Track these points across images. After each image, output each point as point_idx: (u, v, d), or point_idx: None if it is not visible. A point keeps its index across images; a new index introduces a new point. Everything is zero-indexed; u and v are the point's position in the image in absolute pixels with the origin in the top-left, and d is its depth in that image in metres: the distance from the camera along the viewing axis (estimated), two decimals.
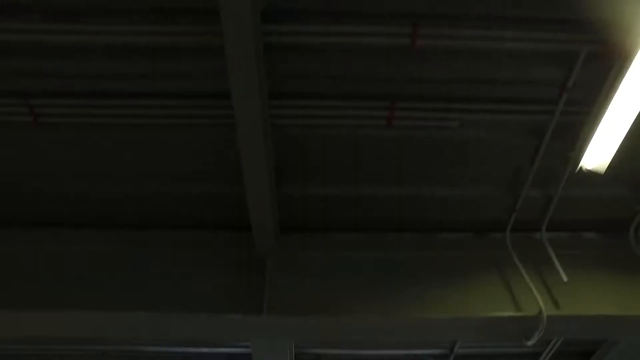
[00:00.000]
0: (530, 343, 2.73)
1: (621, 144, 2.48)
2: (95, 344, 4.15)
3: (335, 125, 2.60)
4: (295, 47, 2.27)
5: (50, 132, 2.59)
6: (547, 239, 3.03)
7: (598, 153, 2.61)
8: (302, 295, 2.70)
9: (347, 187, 2.88)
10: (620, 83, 2.34)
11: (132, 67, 2.36)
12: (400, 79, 2.43)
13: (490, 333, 2.87)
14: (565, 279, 2.76)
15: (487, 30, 2.21)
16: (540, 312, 2.66)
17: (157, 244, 2.97)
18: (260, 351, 3.70)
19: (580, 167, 2.66)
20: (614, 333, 3.14)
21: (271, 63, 2.27)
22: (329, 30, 2.20)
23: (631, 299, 2.87)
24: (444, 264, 2.99)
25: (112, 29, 2.17)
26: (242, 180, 2.53)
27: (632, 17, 2.08)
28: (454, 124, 2.61)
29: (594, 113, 2.50)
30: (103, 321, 2.74)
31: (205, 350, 4.16)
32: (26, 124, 2.53)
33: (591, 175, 2.66)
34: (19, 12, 2.11)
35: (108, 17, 2.14)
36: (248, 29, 1.83)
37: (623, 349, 4.08)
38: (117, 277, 2.82)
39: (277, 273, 2.77)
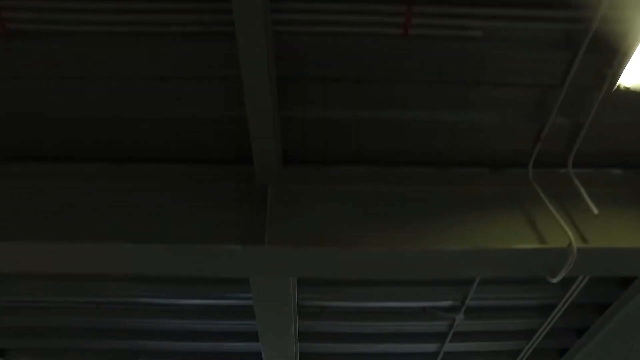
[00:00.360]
0: (556, 280, 2.51)
1: None
2: (91, 295, 3.97)
3: (345, 34, 2.30)
4: None
5: (23, 41, 2.29)
6: (573, 173, 2.78)
7: None
8: (305, 227, 2.47)
9: (353, 110, 2.60)
10: None
11: None
12: None
13: (512, 268, 2.64)
14: (595, 211, 2.51)
15: None
16: (570, 244, 2.43)
17: (151, 178, 2.71)
18: (262, 302, 3.51)
19: (618, 86, 2.39)
20: None
21: None
22: None
23: None
24: (458, 199, 2.73)
25: None
26: (242, 102, 2.27)
27: None
28: (477, 33, 2.32)
29: None
30: (99, 253, 2.52)
31: (202, 302, 3.98)
32: None
33: (629, 95, 2.40)
34: None
35: None
36: None
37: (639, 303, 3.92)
38: (110, 210, 2.60)
39: (278, 205, 2.53)
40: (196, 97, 2.54)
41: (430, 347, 4.58)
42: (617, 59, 2.35)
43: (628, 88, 2.36)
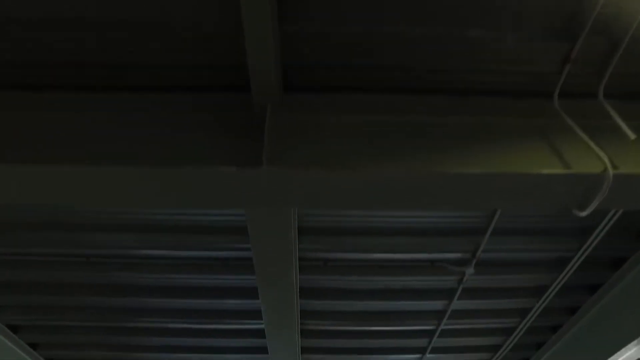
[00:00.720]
0: (584, 213, 2.28)
1: None
2: (79, 247, 3.75)
3: None
4: None
5: None
6: (605, 101, 2.51)
7: None
8: (308, 150, 2.21)
9: (359, 24, 2.30)
10: None
11: None
12: None
13: (538, 197, 2.38)
14: (632, 136, 2.25)
15: None
16: (605, 169, 2.19)
17: (135, 106, 2.43)
18: (261, 252, 3.29)
19: None
20: None
21: None
22: None
23: None
24: (476, 130, 2.44)
25: None
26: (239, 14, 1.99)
27: None
28: None
29: None
30: (91, 177, 2.28)
31: (196, 253, 3.77)
32: None
33: None
34: None
35: None
36: None
37: None
38: (96, 137, 2.34)
39: (278, 130, 2.26)
40: (190, 5, 2.22)
41: (438, 304, 4.41)
42: None
43: None
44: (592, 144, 2.25)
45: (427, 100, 2.58)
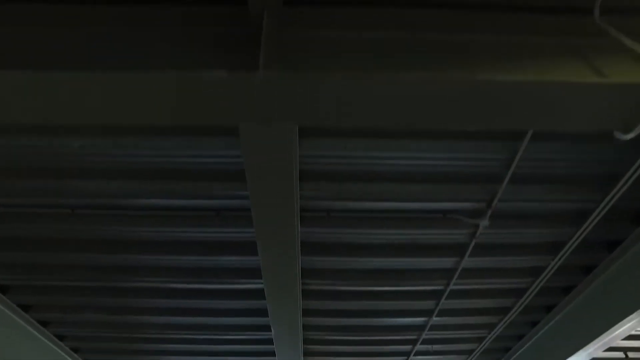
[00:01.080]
0: (630, 135, 1.99)
1: None
2: (64, 196, 3.48)
3: None
4: None
5: None
6: None
7: None
8: (306, 58, 1.91)
9: None
10: None
11: None
12: None
13: (576, 112, 2.05)
14: None
15: None
16: None
17: (126, 20, 2.12)
18: (259, 194, 3.02)
19: None
20: None
21: None
22: None
23: None
24: (502, 48, 2.13)
25: None
26: None
27: None
28: None
29: None
30: (75, 82, 2.00)
31: (192, 202, 3.48)
32: None
33: None
34: None
35: None
36: None
37: None
38: (84, 47, 2.07)
39: (276, 40, 1.94)
40: None
41: (447, 262, 4.17)
42: None
43: None
44: None
45: (443, 15, 2.23)
